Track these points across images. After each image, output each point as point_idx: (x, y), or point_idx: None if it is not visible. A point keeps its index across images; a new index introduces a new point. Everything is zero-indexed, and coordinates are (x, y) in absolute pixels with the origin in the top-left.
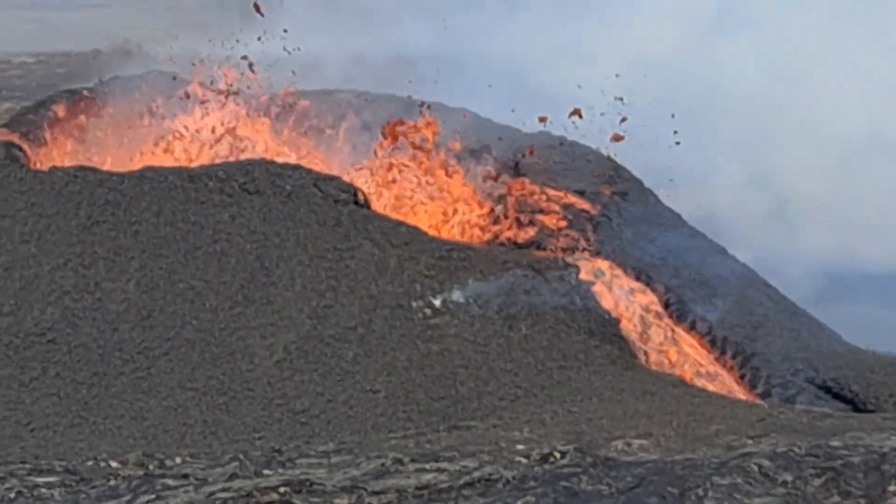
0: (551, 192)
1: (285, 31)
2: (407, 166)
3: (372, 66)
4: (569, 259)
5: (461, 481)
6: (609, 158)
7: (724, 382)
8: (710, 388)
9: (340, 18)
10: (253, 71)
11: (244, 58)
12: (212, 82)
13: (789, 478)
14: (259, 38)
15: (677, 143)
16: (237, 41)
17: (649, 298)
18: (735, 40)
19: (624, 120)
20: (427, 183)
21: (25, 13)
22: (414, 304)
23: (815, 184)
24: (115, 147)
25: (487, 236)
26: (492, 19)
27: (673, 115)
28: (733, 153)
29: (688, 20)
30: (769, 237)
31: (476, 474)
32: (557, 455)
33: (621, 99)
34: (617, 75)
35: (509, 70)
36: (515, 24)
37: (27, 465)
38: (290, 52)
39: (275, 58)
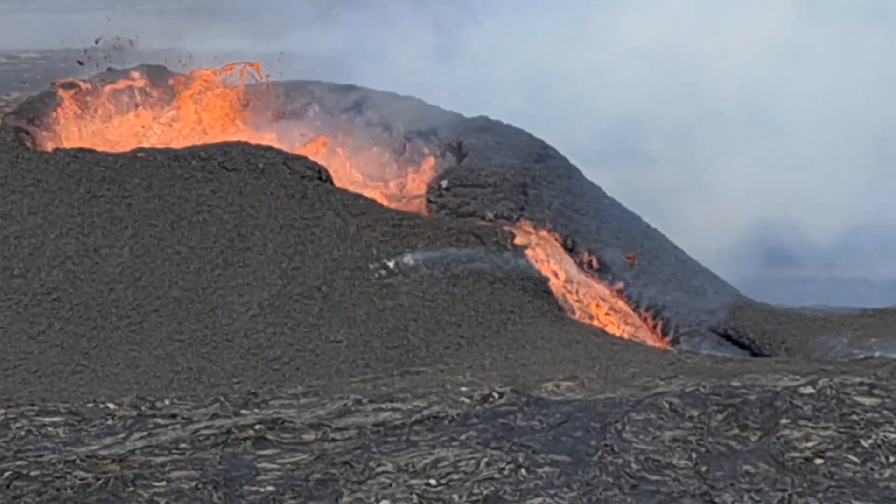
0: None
1: None
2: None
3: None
4: (505, 226)
5: (413, 419)
6: (538, 139)
7: (639, 332)
8: (627, 336)
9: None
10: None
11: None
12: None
13: (695, 413)
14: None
15: None
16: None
17: (575, 259)
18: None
19: None
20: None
21: (33, 15)
22: (371, 266)
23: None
24: (110, 130)
25: (434, 207)
26: None
27: None
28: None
29: None
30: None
31: (426, 412)
32: (496, 395)
33: None
34: None
35: None
36: None
37: (35, 407)
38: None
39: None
